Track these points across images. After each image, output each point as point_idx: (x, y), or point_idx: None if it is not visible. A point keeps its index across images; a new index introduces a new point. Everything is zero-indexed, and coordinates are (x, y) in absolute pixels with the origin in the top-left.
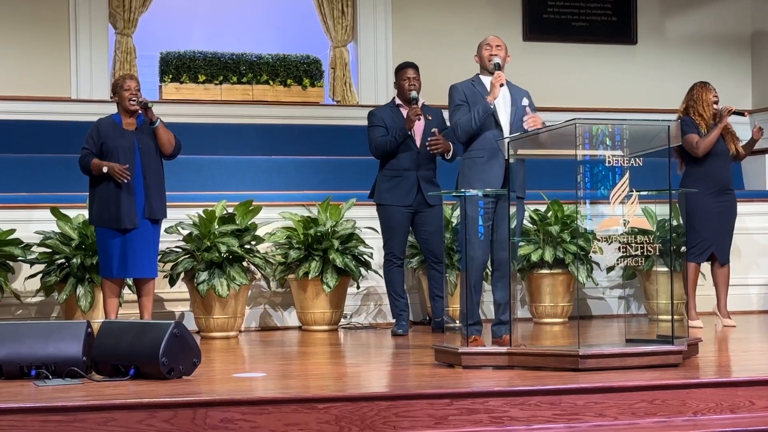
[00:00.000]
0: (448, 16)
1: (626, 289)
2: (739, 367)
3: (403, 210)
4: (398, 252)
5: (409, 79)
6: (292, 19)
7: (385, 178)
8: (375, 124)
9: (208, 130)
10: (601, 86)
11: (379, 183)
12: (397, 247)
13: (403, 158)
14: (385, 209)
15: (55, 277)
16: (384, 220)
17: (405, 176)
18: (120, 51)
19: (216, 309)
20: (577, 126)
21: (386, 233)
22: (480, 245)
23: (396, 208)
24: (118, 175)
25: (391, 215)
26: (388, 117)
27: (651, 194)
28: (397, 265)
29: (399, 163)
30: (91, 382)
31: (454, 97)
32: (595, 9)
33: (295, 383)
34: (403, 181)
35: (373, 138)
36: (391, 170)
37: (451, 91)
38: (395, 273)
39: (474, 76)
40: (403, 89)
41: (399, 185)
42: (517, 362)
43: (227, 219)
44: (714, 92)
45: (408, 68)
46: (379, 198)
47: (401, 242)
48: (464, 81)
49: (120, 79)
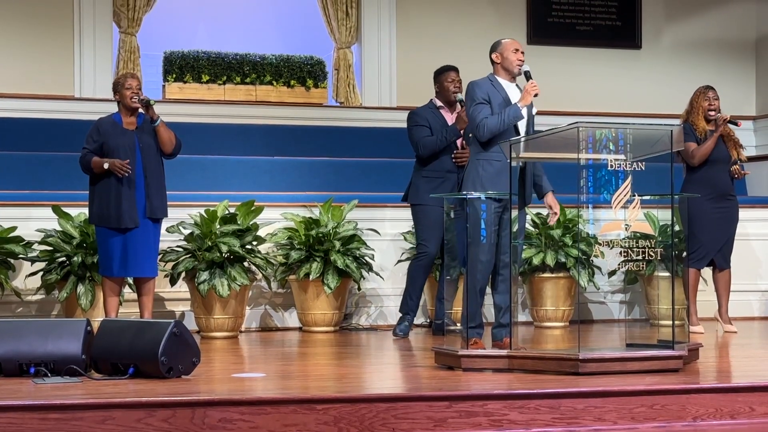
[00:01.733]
0: (452, 19)
1: (627, 293)
2: (739, 372)
3: (442, 210)
4: (433, 253)
5: (453, 81)
6: (296, 19)
7: (426, 179)
8: (419, 123)
9: (211, 130)
10: (605, 90)
11: (418, 184)
12: (432, 248)
13: (445, 160)
14: (426, 209)
15: (56, 276)
16: (423, 220)
17: (447, 178)
18: (124, 50)
19: (216, 309)
20: (580, 129)
21: (424, 233)
22: (486, 248)
23: (436, 209)
24: (119, 170)
25: (432, 215)
26: (432, 118)
27: (653, 199)
28: (427, 265)
29: (441, 165)
30: (90, 381)
31: (476, 94)
32: (600, 13)
33: (294, 384)
34: (445, 182)
35: (419, 138)
36: (433, 171)
37: (473, 88)
38: (422, 273)
39: (490, 75)
40: (447, 91)
41: (441, 186)
42: (517, 365)
43: (229, 219)
44: (711, 98)
45: (451, 71)
46: (418, 198)
47: (437, 243)
48: (482, 78)
49: (121, 77)
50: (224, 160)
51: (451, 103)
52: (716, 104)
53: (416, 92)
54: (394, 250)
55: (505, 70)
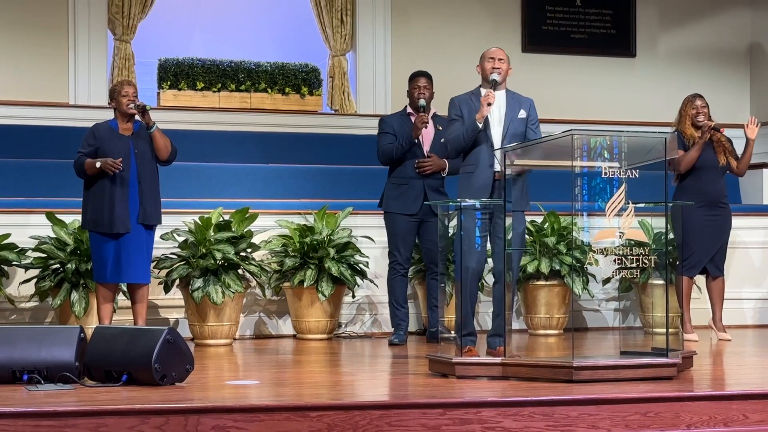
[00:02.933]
0: (447, 27)
1: (622, 301)
2: (733, 380)
3: (408, 218)
4: (403, 261)
5: (419, 87)
6: (291, 27)
7: (392, 186)
8: (384, 130)
9: (206, 137)
10: (599, 99)
11: (387, 191)
12: (401, 256)
13: (409, 166)
14: (391, 217)
15: (50, 282)
16: (390, 228)
17: (411, 184)
18: (118, 57)
19: (210, 316)
20: (574, 137)
21: (391, 241)
22: (474, 255)
23: (401, 217)
24: (110, 167)
25: (397, 223)
26: (398, 124)
27: (647, 206)
28: (401, 273)
29: (405, 171)
30: (83, 388)
31: (450, 112)
32: (595, 21)
33: (288, 391)
34: (409, 189)
35: (381, 144)
36: (398, 178)
37: (449, 105)
38: (398, 282)
39: (475, 88)
40: (412, 97)
41: (405, 193)
42: (511, 373)
43: (223, 226)
44: (698, 106)
45: (420, 77)
46: (386, 206)
47: (406, 251)
48: (464, 93)
49: (118, 84)
50: (219, 167)
51: (417, 109)
52: (704, 112)
53: None
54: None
55: (485, 80)
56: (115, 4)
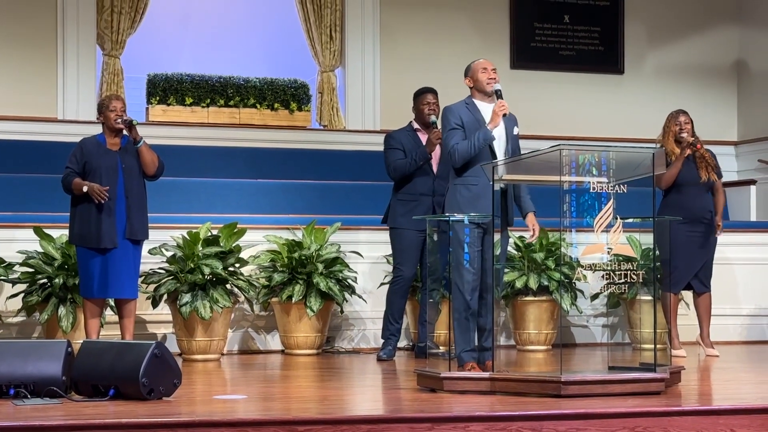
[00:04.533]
0: (436, 43)
1: (610, 317)
2: (720, 395)
3: (417, 234)
4: (408, 276)
5: (429, 103)
6: (280, 43)
7: (401, 202)
8: (393, 146)
9: (195, 152)
10: (587, 115)
11: (394, 207)
12: (407, 271)
13: (419, 183)
14: (400, 233)
15: (37, 297)
16: (397, 244)
17: (421, 201)
18: (107, 72)
19: (198, 331)
20: (562, 152)
21: (399, 256)
22: (470, 271)
23: (410, 232)
24: (96, 195)
25: (406, 239)
26: (407, 140)
27: (635, 222)
28: (404, 289)
29: (415, 187)
30: (70, 402)
31: (449, 120)
32: (583, 38)
33: (276, 405)
34: (419, 206)
35: (391, 160)
36: (406, 194)
37: (446, 114)
38: (399, 297)
39: (467, 99)
40: (422, 113)
41: (414, 210)
42: (499, 388)
43: (211, 241)
44: (681, 122)
45: (428, 93)
46: (393, 222)
47: (413, 266)
48: (458, 103)
49: (106, 99)
50: (207, 183)
51: (427, 125)
52: (687, 128)
53: (400, 116)
54: (376, 273)
55: (480, 92)
56: (105, 19)
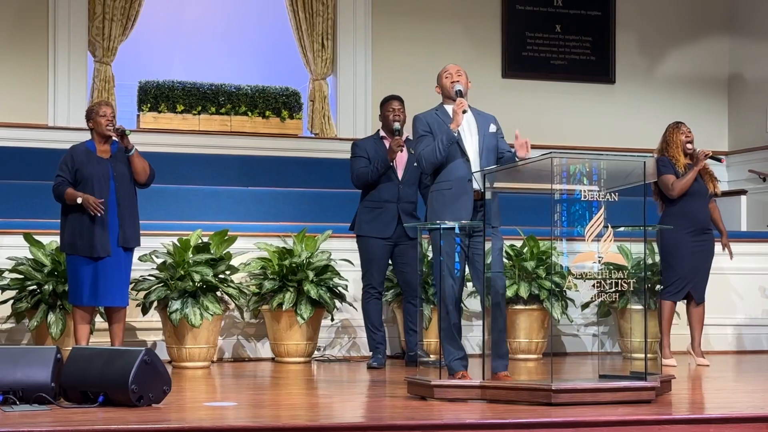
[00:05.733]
0: (427, 52)
1: (601, 326)
2: (711, 404)
3: (382, 242)
4: (376, 284)
5: (393, 110)
6: (272, 51)
7: (366, 209)
8: (357, 154)
9: (186, 159)
10: (579, 124)
11: (360, 214)
12: (375, 279)
13: (384, 190)
14: (365, 241)
15: (26, 304)
16: (363, 252)
17: (385, 208)
18: (98, 79)
19: (188, 339)
20: (553, 160)
21: (365, 265)
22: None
23: (375, 240)
24: (92, 208)
25: (371, 247)
26: (371, 148)
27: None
28: (375, 297)
29: (380, 194)
30: (59, 409)
31: (417, 128)
32: (575, 48)
33: (266, 413)
34: (383, 213)
35: (354, 168)
36: (371, 201)
37: (414, 122)
38: (373, 305)
39: (438, 106)
40: (387, 120)
41: (379, 217)
42: (489, 396)
43: (202, 248)
44: (686, 132)
45: (393, 100)
46: (359, 229)
47: (380, 274)
48: (428, 111)
49: (95, 105)
50: (198, 190)
51: (392, 132)
52: (692, 137)
53: None
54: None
55: (447, 97)
56: (96, 26)
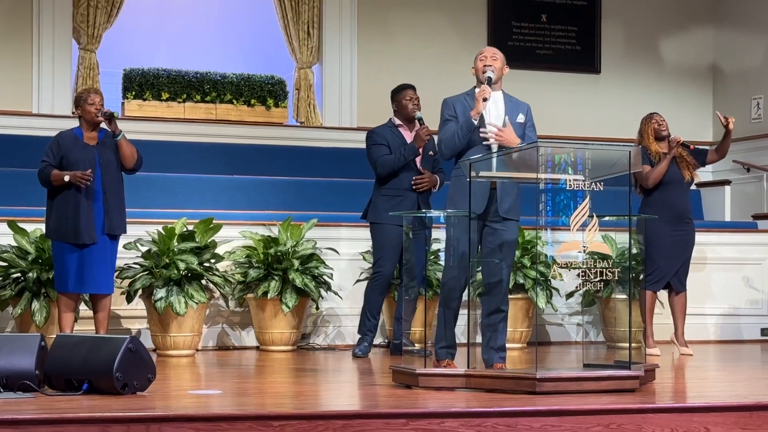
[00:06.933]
0: (413, 41)
1: (585, 315)
2: (694, 393)
3: (400, 230)
4: (388, 273)
5: (411, 99)
6: (257, 39)
7: (385, 197)
8: (378, 142)
9: (171, 147)
10: (564, 114)
11: (378, 202)
12: (388, 268)
13: (404, 178)
14: (383, 228)
15: (10, 291)
16: (379, 240)
17: (406, 196)
18: (83, 66)
19: (173, 327)
20: (538, 150)
21: (380, 252)
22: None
23: (393, 228)
24: (80, 180)
25: (388, 234)
26: (390, 136)
27: (611, 220)
28: (383, 285)
29: (400, 183)
30: (43, 396)
31: (443, 112)
32: (560, 37)
33: (251, 401)
34: (404, 201)
35: (377, 156)
36: (391, 190)
37: (442, 106)
38: (378, 293)
39: (469, 89)
40: (406, 109)
41: (399, 205)
42: (474, 384)
43: (187, 236)
44: (658, 120)
45: (408, 89)
46: (376, 217)
47: (393, 263)
48: (458, 94)
49: (84, 92)
50: (183, 178)
51: (410, 120)
52: (664, 124)
53: (377, 113)
54: (352, 270)
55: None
56: (81, 13)
